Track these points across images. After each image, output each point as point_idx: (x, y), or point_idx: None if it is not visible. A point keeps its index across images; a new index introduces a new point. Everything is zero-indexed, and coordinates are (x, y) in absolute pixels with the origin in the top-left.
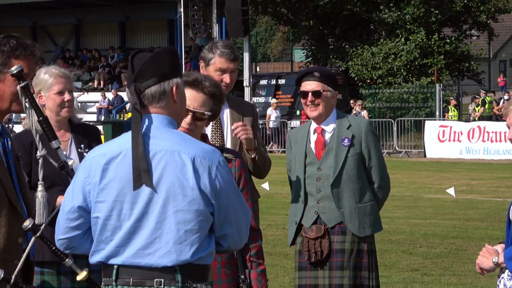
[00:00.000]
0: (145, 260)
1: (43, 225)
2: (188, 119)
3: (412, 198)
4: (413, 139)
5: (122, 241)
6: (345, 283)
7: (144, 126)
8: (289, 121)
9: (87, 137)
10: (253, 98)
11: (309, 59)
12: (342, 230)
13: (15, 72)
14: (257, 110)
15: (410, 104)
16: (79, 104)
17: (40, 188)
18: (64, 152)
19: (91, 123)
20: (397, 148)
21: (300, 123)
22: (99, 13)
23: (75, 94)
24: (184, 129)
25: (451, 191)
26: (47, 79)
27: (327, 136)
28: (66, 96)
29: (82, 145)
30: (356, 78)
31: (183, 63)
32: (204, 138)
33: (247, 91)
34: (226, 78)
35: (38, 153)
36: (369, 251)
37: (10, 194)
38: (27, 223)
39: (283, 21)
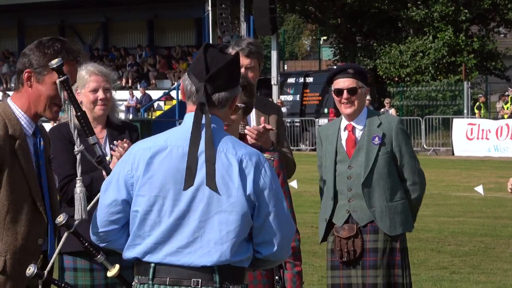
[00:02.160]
0: (184, 259)
1: (77, 220)
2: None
3: (440, 196)
4: (441, 137)
5: (161, 238)
6: (379, 282)
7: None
8: (317, 119)
9: (123, 135)
10: (281, 96)
11: (336, 57)
12: (374, 229)
13: (55, 66)
14: (286, 108)
15: (438, 102)
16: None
17: (78, 183)
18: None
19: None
20: (425, 146)
21: (328, 121)
22: (127, 12)
23: None
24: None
25: (479, 189)
26: (83, 76)
27: (358, 133)
28: (100, 94)
29: (115, 142)
30: (384, 76)
31: None
32: (242, 137)
33: (275, 89)
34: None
35: (76, 149)
36: (401, 249)
37: (35, 194)
38: (61, 219)
39: (310, 19)
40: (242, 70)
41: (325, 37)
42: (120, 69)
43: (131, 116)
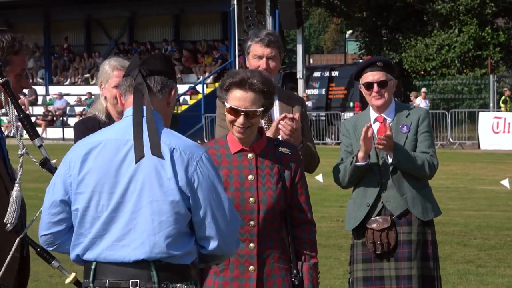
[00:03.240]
0: (119, 252)
1: (28, 226)
2: (241, 119)
3: (466, 189)
4: (467, 131)
5: (98, 232)
6: (414, 274)
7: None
8: (342, 113)
9: None
10: (306, 90)
11: (362, 51)
12: (408, 221)
13: None
14: (311, 102)
15: (464, 95)
16: None
17: (16, 187)
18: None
19: None
20: (451, 139)
21: (354, 115)
22: (152, 6)
23: None
24: (240, 130)
25: (505, 182)
26: (107, 71)
27: (388, 125)
28: None
29: None
30: (409, 70)
31: (237, 56)
32: (260, 130)
33: (300, 83)
34: (262, 64)
35: (20, 152)
36: (433, 241)
37: (7, 184)
38: (9, 225)
39: (336, 13)
40: (263, 60)
41: (350, 31)
42: None
43: None
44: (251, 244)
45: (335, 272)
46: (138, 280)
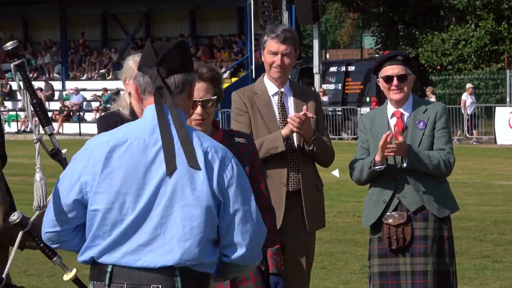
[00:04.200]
0: (144, 258)
1: (33, 216)
2: (199, 110)
3: (482, 184)
4: (484, 126)
5: (121, 236)
6: (429, 269)
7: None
8: (359, 108)
9: None
10: (322, 85)
11: (378, 46)
12: (424, 217)
13: (10, 48)
14: (328, 97)
15: (481, 90)
16: None
17: (38, 171)
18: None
19: None
20: (467, 135)
21: (370, 110)
22: (169, 1)
23: None
24: (198, 121)
25: None
26: (131, 67)
27: (405, 120)
28: None
29: None
30: (426, 65)
31: (253, 51)
32: (215, 125)
33: (317, 78)
34: (277, 60)
35: (34, 137)
36: (449, 237)
37: None
38: (15, 217)
39: (352, 8)
40: (278, 56)
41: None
42: None
43: None
44: None
45: (351, 267)
46: (160, 286)
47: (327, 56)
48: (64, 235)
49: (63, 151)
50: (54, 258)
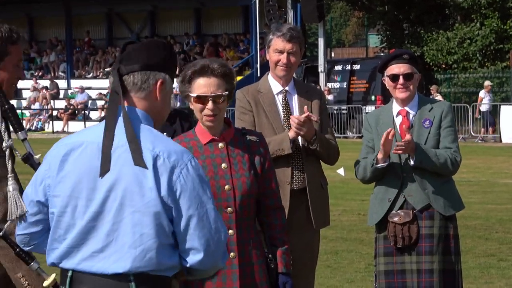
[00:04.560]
0: (99, 264)
1: (7, 223)
2: (210, 105)
3: (488, 183)
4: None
5: (75, 241)
6: (435, 268)
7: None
8: (364, 107)
9: (174, 125)
10: (327, 83)
11: (383, 45)
12: (430, 215)
13: None
14: (333, 95)
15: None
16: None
17: (10, 181)
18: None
19: (182, 108)
20: (472, 133)
21: (375, 109)
22: (174, 0)
23: None
24: (209, 117)
25: None
26: None
27: (411, 118)
28: None
29: (165, 134)
30: (431, 63)
31: (258, 49)
32: (227, 121)
33: (322, 77)
34: (283, 58)
35: (4, 144)
36: (455, 235)
37: None
38: (9, 222)
39: (357, 6)
40: (284, 55)
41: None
42: None
43: (178, 104)
44: (230, 231)
45: (356, 266)
46: None
47: (332, 55)
48: (35, 237)
49: (37, 156)
50: (32, 264)
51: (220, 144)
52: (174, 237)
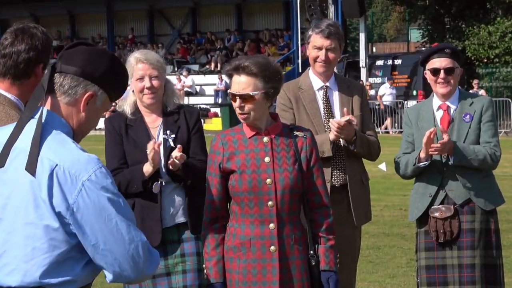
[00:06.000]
0: None
1: None
2: (237, 103)
3: None
4: None
5: None
6: (477, 263)
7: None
8: (405, 102)
9: (179, 122)
10: (369, 78)
11: (425, 39)
12: (471, 210)
13: None
14: (374, 90)
15: None
16: (190, 88)
17: None
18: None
19: (194, 105)
20: None
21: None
22: None
23: (193, 77)
24: (241, 115)
25: None
26: (131, 64)
27: (451, 113)
28: (146, 83)
29: (168, 131)
30: (472, 58)
31: (299, 45)
32: (274, 117)
33: (363, 72)
34: (321, 55)
35: None
36: (495, 230)
37: None
38: None
39: (399, 1)
40: (323, 51)
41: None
42: (209, 53)
43: (220, 100)
44: (271, 225)
45: (398, 261)
46: None
47: (374, 50)
48: None
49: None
50: None
51: (265, 138)
52: (79, 251)
